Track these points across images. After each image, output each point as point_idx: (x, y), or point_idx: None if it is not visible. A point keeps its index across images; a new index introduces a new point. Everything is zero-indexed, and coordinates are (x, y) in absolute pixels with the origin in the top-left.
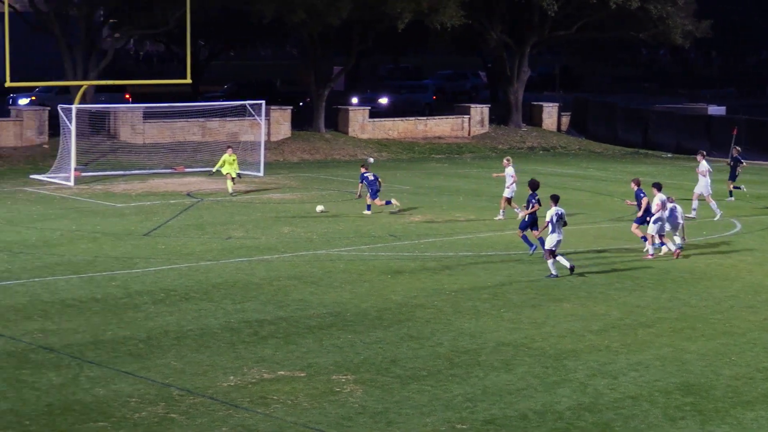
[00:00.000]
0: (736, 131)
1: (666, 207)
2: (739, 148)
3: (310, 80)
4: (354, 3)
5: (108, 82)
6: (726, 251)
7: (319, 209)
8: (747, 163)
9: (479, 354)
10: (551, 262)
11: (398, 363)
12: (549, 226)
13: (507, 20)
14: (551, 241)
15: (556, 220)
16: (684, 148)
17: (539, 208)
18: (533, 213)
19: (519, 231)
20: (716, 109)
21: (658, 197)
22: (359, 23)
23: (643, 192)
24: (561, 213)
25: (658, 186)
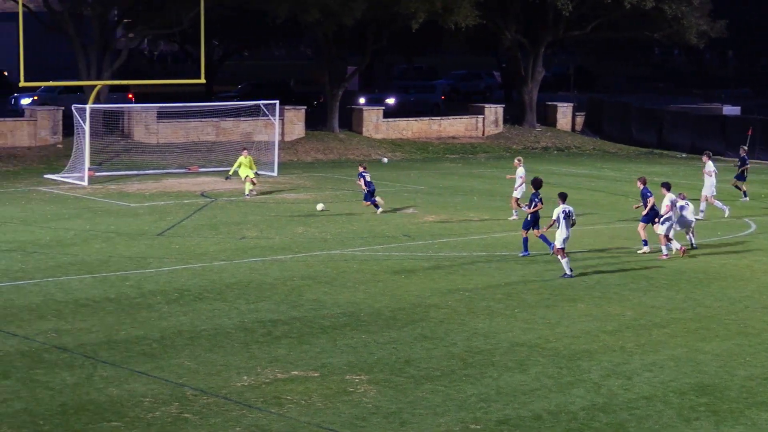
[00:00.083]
0: (752, 131)
1: (676, 206)
2: (746, 148)
3: (324, 80)
4: (368, 3)
5: (122, 82)
6: (741, 251)
7: (320, 207)
8: (762, 164)
9: (493, 354)
10: (566, 260)
11: (412, 363)
12: (556, 224)
13: (521, 20)
14: (559, 239)
15: (564, 218)
16: (699, 149)
17: (542, 207)
18: (536, 213)
19: (523, 231)
20: (731, 110)
21: (668, 197)
22: (373, 23)
23: (650, 191)
24: (568, 211)
25: (667, 186)
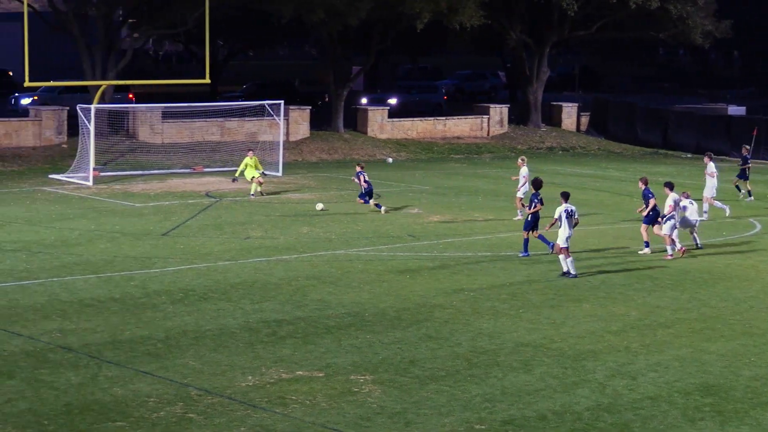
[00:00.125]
0: (757, 131)
1: (679, 205)
2: (748, 147)
3: (329, 80)
4: (373, 3)
5: (127, 83)
6: (746, 251)
7: (320, 207)
8: (767, 164)
9: (498, 354)
10: (570, 260)
11: (417, 363)
12: (558, 223)
13: (526, 20)
14: (562, 238)
15: (566, 217)
16: (704, 149)
17: (541, 208)
18: (536, 213)
19: (524, 232)
20: (736, 110)
21: (671, 197)
22: (378, 23)
23: (651, 192)
24: (571, 210)
25: (670, 185)
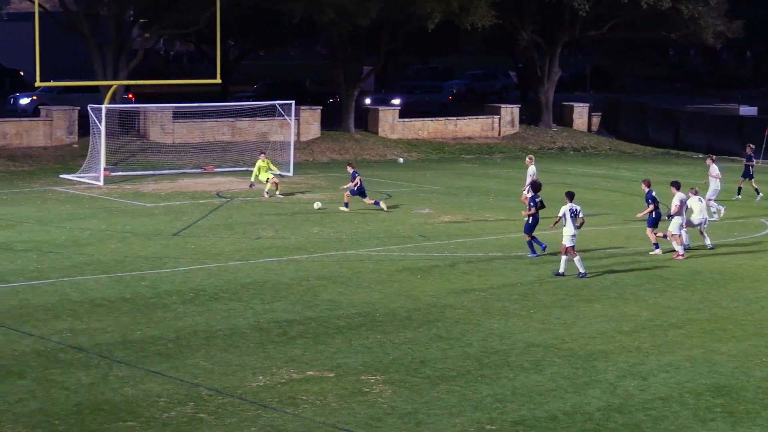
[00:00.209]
0: None
1: (686, 204)
2: (753, 146)
3: (340, 80)
4: (383, 3)
5: (138, 83)
6: (757, 252)
7: (317, 206)
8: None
9: (509, 355)
10: (577, 258)
11: (427, 363)
12: (563, 221)
13: (538, 20)
14: (567, 237)
15: (571, 216)
16: (715, 149)
17: (535, 212)
18: (536, 215)
19: (526, 236)
20: (748, 110)
21: (677, 197)
22: (389, 23)
23: (652, 196)
24: (576, 209)
25: (677, 185)
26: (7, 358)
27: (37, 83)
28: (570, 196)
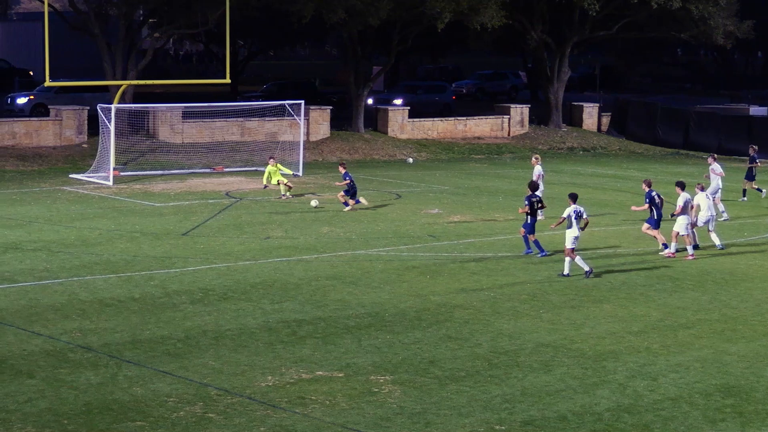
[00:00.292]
0: None
1: (690, 204)
2: (756, 147)
3: (350, 80)
4: (394, 3)
5: (147, 82)
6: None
7: (314, 204)
8: None
9: (518, 355)
10: (578, 258)
11: (437, 363)
12: (566, 222)
13: (547, 20)
14: (569, 239)
15: (575, 218)
16: (725, 149)
17: (530, 209)
18: (534, 215)
19: (531, 236)
20: (758, 110)
21: (682, 197)
22: (399, 23)
23: (650, 196)
24: (580, 211)
25: (682, 185)
26: (17, 358)
27: (47, 83)
28: (573, 198)
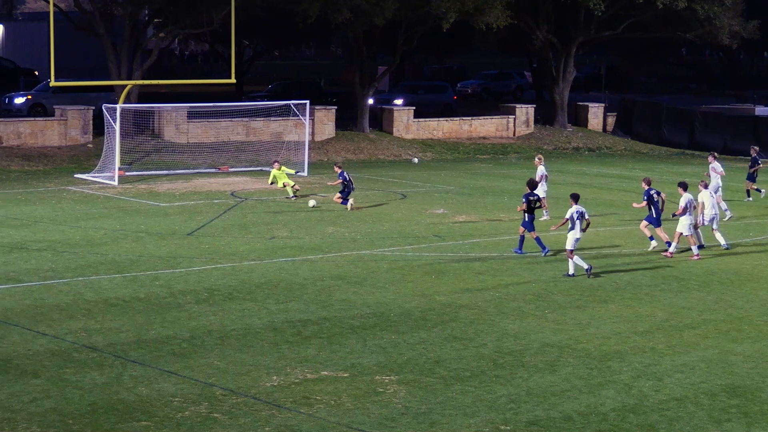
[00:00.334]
0: None
1: (692, 205)
2: (757, 148)
3: (355, 80)
4: (399, 2)
5: (152, 82)
6: None
7: (312, 204)
8: None
9: (523, 355)
10: (576, 258)
11: (442, 364)
12: (569, 224)
13: (553, 20)
14: (570, 240)
15: (578, 219)
16: (731, 149)
17: (528, 207)
18: (531, 213)
19: (531, 234)
20: (764, 110)
21: (684, 198)
22: (404, 23)
23: (648, 194)
24: (582, 212)
25: (684, 185)
26: (22, 358)
27: (52, 83)
28: (575, 198)
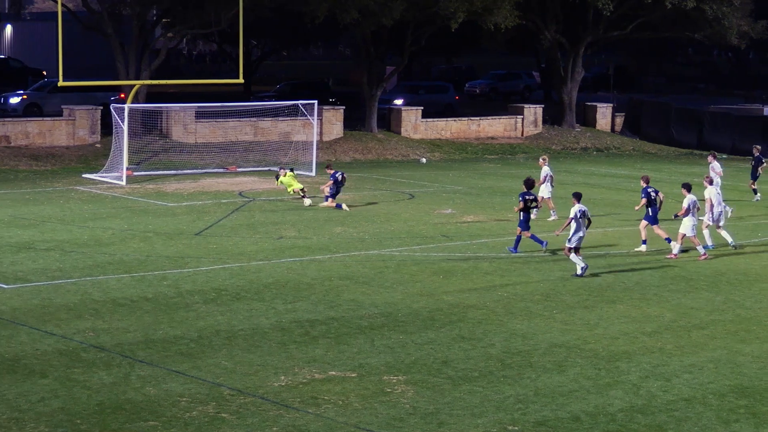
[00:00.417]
0: None
1: (695, 207)
2: (759, 147)
3: (363, 80)
4: (407, 3)
5: (160, 82)
6: None
7: (307, 203)
8: None
9: (531, 355)
10: (573, 257)
11: (450, 364)
12: (573, 223)
13: (561, 20)
14: (574, 238)
15: (580, 217)
16: (740, 150)
17: (524, 207)
18: (527, 212)
19: (526, 233)
20: None
21: (687, 199)
22: (412, 23)
23: (646, 192)
24: (584, 210)
25: (688, 186)
26: (30, 357)
27: (60, 83)
28: (578, 197)
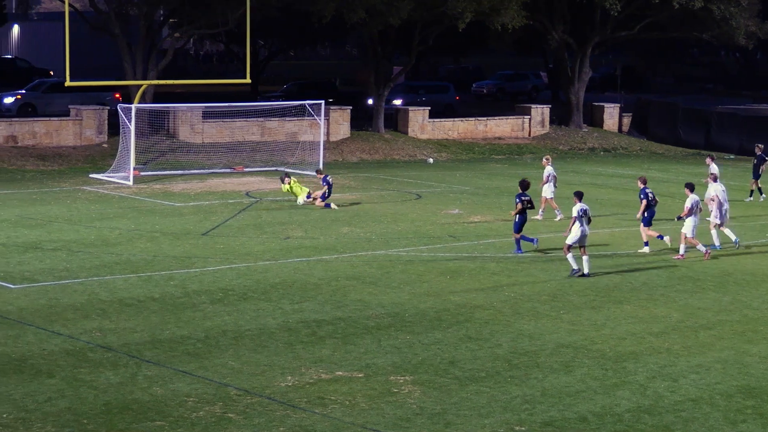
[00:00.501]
0: None
1: (698, 207)
2: (762, 146)
3: (370, 80)
4: (414, 2)
5: (167, 82)
6: None
7: (301, 202)
8: None
9: (538, 355)
10: (570, 256)
11: (457, 364)
12: (576, 222)
13: (568, 20)
14: (574, 236)
15: (582, 215)
16: (747, 150)
17: (522, 209)
18: (523, 214)
19: (514, 234)
20: None
21: (689, 199)
22: (419, 23)
23: (644, 192)
24: (585, 209)
25: (691, 186)
26: (37, 357)
27: (67, 83)
28: (579, 196)
